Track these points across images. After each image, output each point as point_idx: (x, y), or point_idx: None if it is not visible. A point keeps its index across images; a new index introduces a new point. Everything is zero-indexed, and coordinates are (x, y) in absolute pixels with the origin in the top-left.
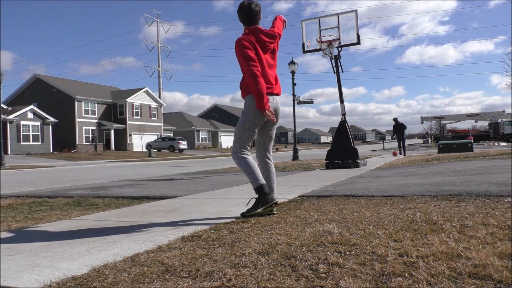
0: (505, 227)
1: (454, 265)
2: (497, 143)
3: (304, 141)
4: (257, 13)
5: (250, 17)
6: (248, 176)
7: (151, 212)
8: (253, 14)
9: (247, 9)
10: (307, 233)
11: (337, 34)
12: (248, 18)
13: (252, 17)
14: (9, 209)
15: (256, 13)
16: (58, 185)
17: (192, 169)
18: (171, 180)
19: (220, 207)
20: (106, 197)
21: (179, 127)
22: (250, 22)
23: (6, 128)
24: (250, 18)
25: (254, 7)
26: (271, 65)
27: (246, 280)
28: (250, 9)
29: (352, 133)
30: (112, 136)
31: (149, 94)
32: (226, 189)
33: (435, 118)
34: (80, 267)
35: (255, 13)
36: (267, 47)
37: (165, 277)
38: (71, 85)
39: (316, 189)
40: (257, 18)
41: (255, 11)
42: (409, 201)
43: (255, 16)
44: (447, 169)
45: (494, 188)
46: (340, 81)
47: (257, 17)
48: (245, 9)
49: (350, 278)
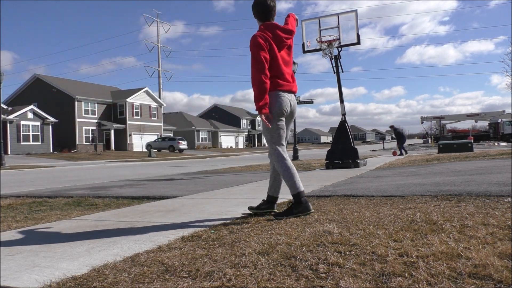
0: (505, 227)
1: (454, 265)
2: (497, 143)
3: (304, 141)
4: (272, 8)
5: (266, 12)
6: (288, 181)
7: (151, 212)
8: (269, 9)
9: (263, 4)
10: (307, 233)
11: (337, 34)
12: (264, 13)
13: (268, 12)
14: (9, 209)
15: (272, 8)
16: (58, 185)
17: (192, 169)
18: (171, 180)
19: (220, 207)
20: (106, 197)
21: (179, 127)
22: (265, 17)
23: (6, 128)
24: (265, 13)
25: (270, 2)
26: (287, 62)
27: (246, 280)
28: (266, 4)
29: (352, 133)
30: (112, 136)
31: (149, 94)
32: (226, 189)
33: (435, 118)
34: (80, 267)
35: (271, 8)
36: (283, 43)
37: (165, 277)
38: (71, 85)
39: (316, 189)
40: (272, 13)
41: (270, 6)
42: (409, 201)
43: (270, 11)
44: (447, 169)
45: (494, 188)
46: (340, 81)
47: (273, 13)
48: (261, 4)
49: (350, 278)
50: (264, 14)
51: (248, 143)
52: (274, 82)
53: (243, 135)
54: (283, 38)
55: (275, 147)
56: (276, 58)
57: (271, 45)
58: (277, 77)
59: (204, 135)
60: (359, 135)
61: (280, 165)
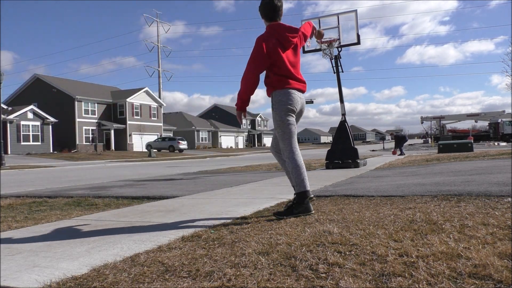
0: (505, 227)
1: (454, 265)
2: (497, 143)
3: (304, 141)
4: (279, 8)
5: (272, 12)
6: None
7: (151, 212)
8: (276, 9)
9: (270, 4)
10: (307, 233)
11: (337, 34)
12: (271, 13)
13: (274, 12)
14: (9, 209)
15: (279, 8)
16: (58, 185)
17: (192, 169)
18: (171, 180)
19: (220, 207)
20: (106, 197)
21: (179, 127)
22: (272, 17)
23: (6, 128)
24: (272, 13)
25: (277, 2)
26: (293, 63)
27: (246, 280)
28: (273, 4)
29: (352, 133)
30: (112, 136)
31: (149, 94)
32: (226, 189)
33: (435, 118)
34: (80, 267)
35: (278, 8)
36: (289, 42)
37: (165, 277)
38: (71, 85)
39: (316, 189)
40: (279, 13)
41: (277, 6)
42: (409, 201)
43: (277, 11)
44: (447, 169)
45: (494, 188)
46: (340, 81)
47: (279, 13)
48: (268, 4)
49: (350, 278)
50: (271, 13)
51: (248, 143)
52: (284, 81)
53: (243, 135)
54: (288, 37)
55: (287, 143)
56: (282, 59)
57: (275, 46)
58: (287, 76)
59: (204, 135)
60: (359, 135)
61: (291, 161)
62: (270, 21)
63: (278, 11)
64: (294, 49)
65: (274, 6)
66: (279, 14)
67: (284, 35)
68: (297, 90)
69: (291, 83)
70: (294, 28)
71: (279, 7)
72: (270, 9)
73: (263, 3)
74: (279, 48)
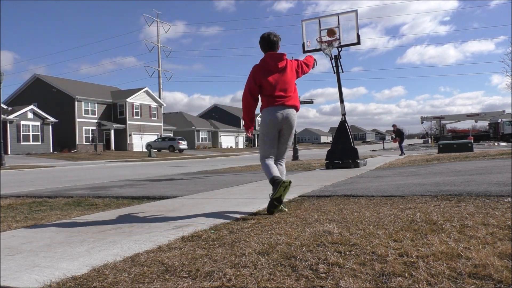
0: (505, 227)
1: (454, 265)
2: (497, 143)
3: (304, 141)
4: (275, 43)
5: (269, 46)
6: (266, 175)
7: (151, 212)
8: (272, 44)
9: (267, 39)
10: (307, 233)
11: (337, 34)
12: (267, 47)
13: (271, 46)
14: (9, 209)
15: (274, 42)
16: (58, 185)
17: (192, 169)
18: (171, 180)
19: (220, 207)
20: (106, 197)
21: (179, 127)
22: (267, 50)
23: (6, 128)
24: (268, 47)
25: (273, 38)
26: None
27: (246, 280)
28: (270, 39)
29: (352, 133)
30: (112, 136)
31: (149, 94)
32: (226, 189)
33: (435, 118)
34: (80, 267)
35: (274, 42)
36: (273, 68)
37: (165, 277)
38: (71, 85)
39: (316, 189)
40: (275, 47)
41: (273, 41)
42: (409, 201)
43: (273, 45)
44: (447, 169)
45: (494, 188)
46: (340, 81)
47: (275, 47)
48: (265, 39)
49: (350, 278)
50: (267, 47)
51: (248, 143)
52: (268, 101)
53: (243, 135)
54: (270, 64)
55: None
56: (267, 82)
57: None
58: (268, 96)
59: (204, 135)
60: (359, 135)
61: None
62: (265, 52)
63: (274, 45)
64: (282, 71)
65: (271, 41)
66: (275, 48)
67: (270, 63)
68: (279, 107)
69: (272, 102)
70: (279, 54)
71: (275, 42)
72: (266, 43)
73: (261, 38)
74: (265, 74)
